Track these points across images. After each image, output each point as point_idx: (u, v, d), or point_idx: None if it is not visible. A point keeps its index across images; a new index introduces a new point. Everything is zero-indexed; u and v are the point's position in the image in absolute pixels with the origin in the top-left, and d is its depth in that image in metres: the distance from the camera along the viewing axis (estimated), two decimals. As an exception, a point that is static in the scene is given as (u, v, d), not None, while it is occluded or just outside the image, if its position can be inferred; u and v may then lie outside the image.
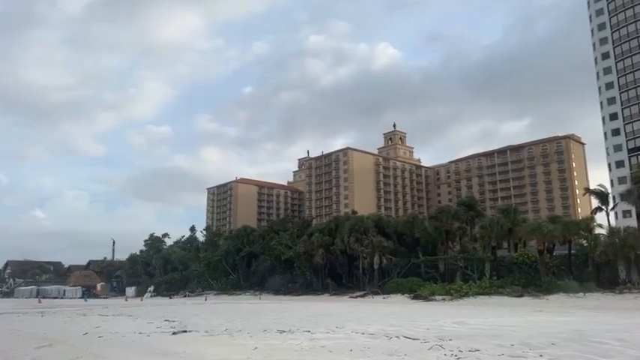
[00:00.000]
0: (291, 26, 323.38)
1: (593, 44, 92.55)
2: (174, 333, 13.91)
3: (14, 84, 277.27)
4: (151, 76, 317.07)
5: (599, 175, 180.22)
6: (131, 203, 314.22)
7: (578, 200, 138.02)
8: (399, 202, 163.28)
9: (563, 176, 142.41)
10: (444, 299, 37.58)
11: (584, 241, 42.59)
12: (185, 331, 14.25)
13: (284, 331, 13.60)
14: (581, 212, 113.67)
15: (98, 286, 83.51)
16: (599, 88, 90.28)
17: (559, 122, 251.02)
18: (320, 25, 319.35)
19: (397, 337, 11.77)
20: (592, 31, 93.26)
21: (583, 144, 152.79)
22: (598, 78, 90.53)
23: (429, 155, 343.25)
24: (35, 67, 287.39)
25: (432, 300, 38.02)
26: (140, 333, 14.54)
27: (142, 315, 22.83)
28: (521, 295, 34.90)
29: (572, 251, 42.24)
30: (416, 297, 40.56)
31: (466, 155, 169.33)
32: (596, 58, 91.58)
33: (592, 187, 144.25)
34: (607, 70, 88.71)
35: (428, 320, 17.26)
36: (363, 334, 12.63)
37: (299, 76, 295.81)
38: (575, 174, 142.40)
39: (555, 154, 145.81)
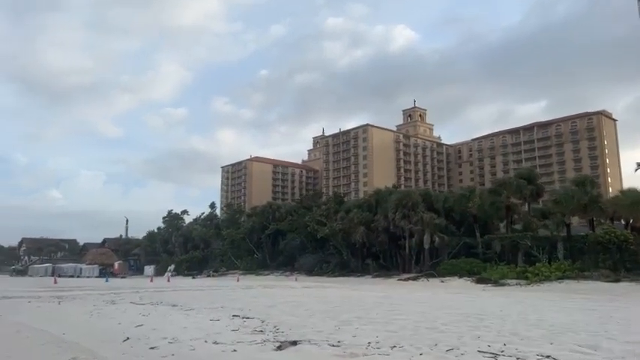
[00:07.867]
0: (310, 9, 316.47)
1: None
2: (279, 347, 8.55)
3: (33, 65, 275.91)
4: (169, 58, 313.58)
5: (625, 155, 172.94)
6: (147, 184, 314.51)
7: (610, 179, 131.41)
8: (419, 181, 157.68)
9: (593, 154, 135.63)
10: (519, 284, 32.32)
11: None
12: (294, 343, 8.88)
13: (495, 355, 7.58)
14: (612, 192, 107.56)
15: (116, 265, 79.68)
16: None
17: (575, 104, 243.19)
18: (338, 7, 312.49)
19: None
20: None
21: (615, 120, 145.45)
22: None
23: (444, 136, 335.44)
24: (55, 49, 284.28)
25: (504, 285, 32.87)
26: (215, 343, 9.38)
27: (192, 304, 17.53)
28: (617, 280, 29.71)
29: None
30: (480, 281, 35.54)
31: (489, 133, 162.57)
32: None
33: (623, 166, 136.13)
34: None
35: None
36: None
37: (316, 58, 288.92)
38: (607, 151, 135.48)
39: (585, 131, 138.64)
